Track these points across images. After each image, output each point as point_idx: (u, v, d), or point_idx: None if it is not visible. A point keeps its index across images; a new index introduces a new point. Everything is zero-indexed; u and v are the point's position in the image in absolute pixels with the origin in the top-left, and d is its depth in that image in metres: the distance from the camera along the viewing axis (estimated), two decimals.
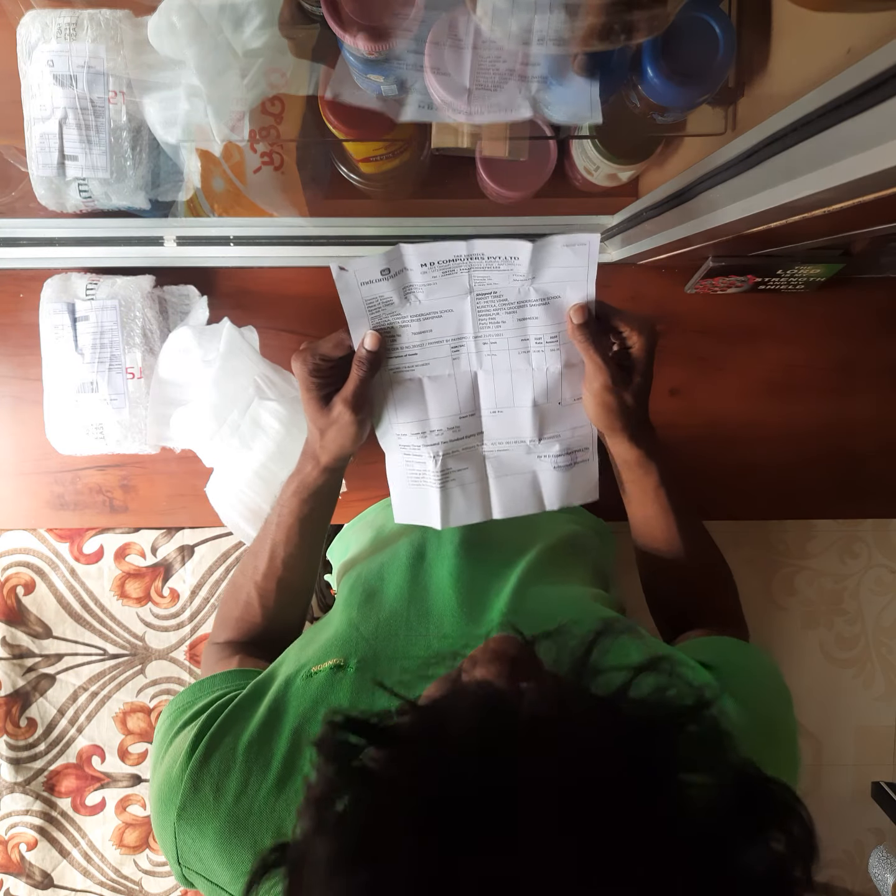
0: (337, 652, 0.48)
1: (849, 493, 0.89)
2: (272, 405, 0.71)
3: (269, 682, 0.48)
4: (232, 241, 0.78)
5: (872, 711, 1.67)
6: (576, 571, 0.61)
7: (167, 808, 0.42)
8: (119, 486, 0.85)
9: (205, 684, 0.52)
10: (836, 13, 0.48)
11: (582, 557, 0.64)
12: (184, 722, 0.47)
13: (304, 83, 0.64)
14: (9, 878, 0.99)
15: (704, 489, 0.87)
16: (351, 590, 0.56)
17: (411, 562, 0.57)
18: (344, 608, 0.53)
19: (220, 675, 0.53)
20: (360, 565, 0.61)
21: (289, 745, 0.43)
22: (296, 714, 0.44)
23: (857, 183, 0.35)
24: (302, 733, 0.43)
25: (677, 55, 0.58)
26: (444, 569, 0.55)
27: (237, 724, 0.44)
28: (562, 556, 0.60)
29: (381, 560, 0.60)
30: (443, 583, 0.54)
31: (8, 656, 0.94)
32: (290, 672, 0.48)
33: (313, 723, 0.43)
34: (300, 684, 0.46)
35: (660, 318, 0.86)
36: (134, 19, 0.65)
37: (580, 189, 0.84)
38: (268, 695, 0.46)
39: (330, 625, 0.53)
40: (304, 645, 0.52)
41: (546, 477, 0.56)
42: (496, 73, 0.56)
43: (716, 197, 0.52)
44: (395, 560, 0.58)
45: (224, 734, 0.44)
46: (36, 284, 0.77)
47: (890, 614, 1.67)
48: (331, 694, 0.45)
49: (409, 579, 0.55)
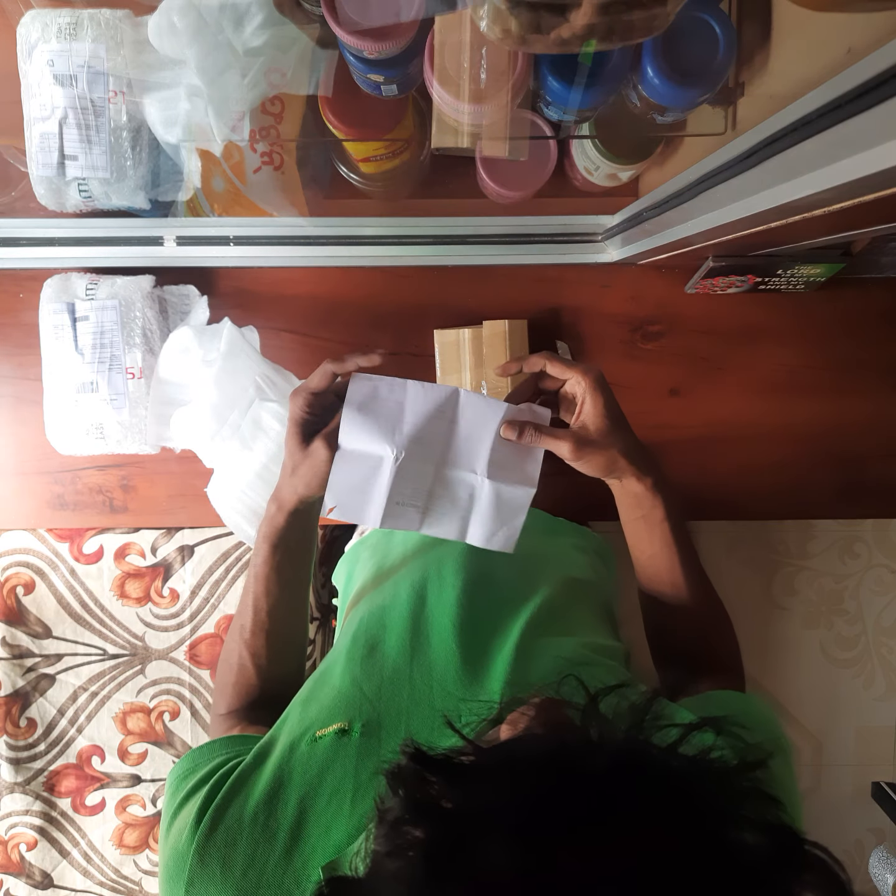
0: (341, 715, 0.47)
1: (849, 493, 0.89)
2: (273, 406, 0.71)
3: (272, 747, 0.47)
4: (232, 240, 0.78)
5: (872, 711, 1.67)
6: (580, 618, 0.59)
7: (176, 883, 0.42)
8: (119, 486, 0.85)
9: (204, 750, 0.51)
10: (836, 13, 0.48)
11: (586, 602, 0.62)
12: (187, 792, 0.46)
13: (304, 83, 0.64)
14: (9, 878, 0.99)
15: (704, 489, 0.87)
16: (354, 640, 0.54)
17: (412, 607, 0.55)
18: (346, 662, 0.52)
19: (219, 741, 0.52)
20: (363, 606, 0.60)
21: (295, 814, 0.42)
22: (301, 782, 0.43)
23: (857, 183, 0.35)
24: (308, 802, 0.42)
25: (677, 55, 0.58)
26: (445, 617, 0.53)
27: (241, 794, 0.44)
28: (565, 603, 0.59)
29: (382, 603, 0.58)
30: (445, 633, 0.52)
31: (8, 656, 0.94)
32: (295, 736, 0.46)
33: (320, 792, 0.43)
34: (305, 750, 0.45)
35: (660, 317, 0.86)
36: (134, 19, 0.65)
37: (580, 189, 0.84)
38: (271, 761, 0.45)
39: (332, 678, 0.52)
40: (305, 701, 0.51)
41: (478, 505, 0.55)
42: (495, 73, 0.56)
43: (716, 197, 0.52)
44: (397, 604, 0.56)
45: (228, 805, 0.43)
46: (36, 284, 0.77)
47: (890, 614, 1.67)
48: (336, 760, 0.44)
49: (410, 628, 0.53)
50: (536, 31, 0.41)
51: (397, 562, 0.65)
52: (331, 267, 0.82)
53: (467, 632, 0.52)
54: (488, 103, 0.58)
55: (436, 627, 0.53)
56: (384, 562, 0.68)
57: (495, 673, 0.49)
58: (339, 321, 0.84)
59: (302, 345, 0.84)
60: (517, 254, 0.81)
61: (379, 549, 0.72)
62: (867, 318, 0.86)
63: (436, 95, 0.59)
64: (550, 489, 0.59)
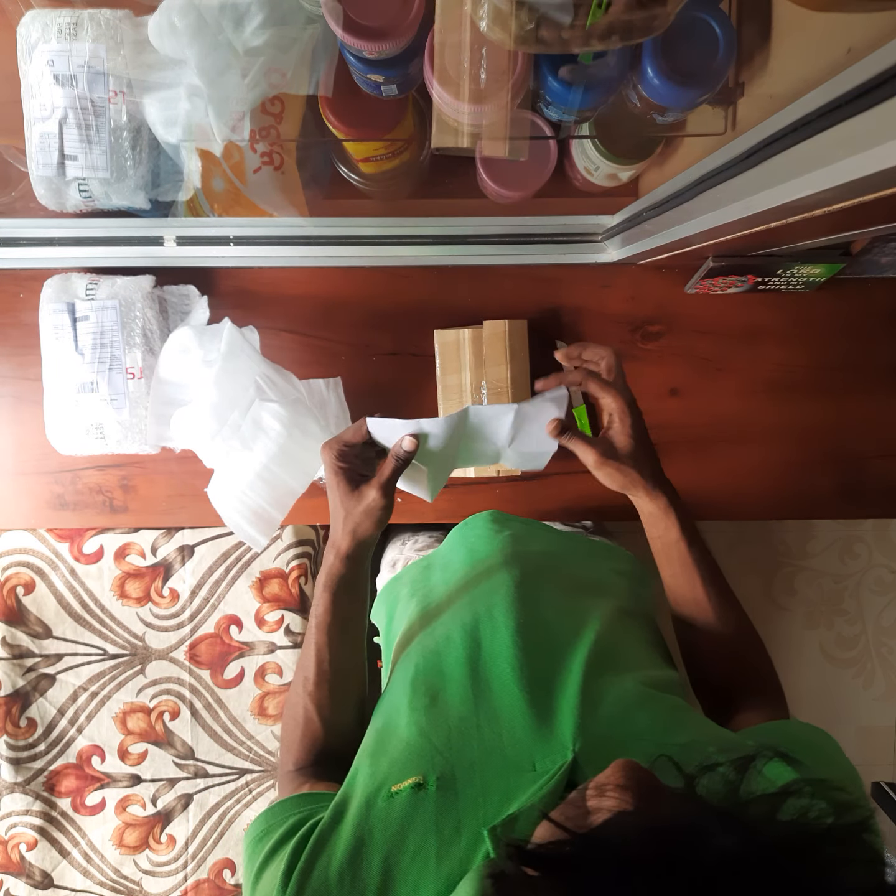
0: (413, 768, 0.46)
1: (849, 493, 0.89)
2: (273, 407, 0.71)
3: (347, 805, 0.47)
4: (232, 241, 0.78)
5: (872, 711, 1.67)
6: (634, 651, 0.59)
7: None
8: (119, 486, 0.85)
9: (276, 810, 0.51)
10: (836, 13, 0.48)
11: (634, 632, 0.62)
12: (265, 855, 0.47)
13: (304, 83, 0.64)
14: (9, 878, 0.99)
15: (704, 489, 0.87)
16: (413, 689, 0.54)
17: (468, 652, 0.55)
18: (410, 712, 0.52)
19: (290, 800, 0.52)
20: (414, 651, 0.60)
21: (381, 873, 0.42)
22: (382, 840, 0.43)
23: (857, 183, 0.35)
24: (392, 861, 0.42)
25: (677, 55, 0.58)
26: (504, 661, 0.53)
27: (324, 855, 0.43)
28: (617, 637, 0.59)
29: (435, 648, 0.58)
30: (506, 678, 0.52)
31: (8, 656, 0.94)
32: (370, 792, 0.46)
33: (403, 849, 0.42)
34: (382, 806, 0.45)
35: (660, 317, 0.86)
36: (134, 19, 0.65)
37: (580, 189, 0.84)
38: (348, 819, 0.45)
39: (397, 729, 0.51)
40: (373, 754, 0.50)
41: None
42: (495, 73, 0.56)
43: (716, 197, 0.52)
44: (451, 649, 0.56)
45: (312, 868, 0.43)
46: (36, 284, 0.77)
47: (890, 614, 1.67)
48: (415, 816, 0.43)
49: (469, 675, 0.53)
50: (536, 31, 0.41)
51: (442, 601, 0.65)
52: (331, 267, 0.82)
53: (527, 674, 0.52)
54: (488, 103, 0.58)
55: (495, 672, 0.53)
56: (427, 601, 0.67)
57: (563, 717, 0.48)
58: (339, 321, 0.84)
59: (302, 345, 0.84)
60: (517, 254, 0.81)
61: (418, 586, 0.72)
62: (867, 318, 0.86)
63: (436, 95, 0.59)
64: (570, 485, 0.61)
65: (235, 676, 0.98)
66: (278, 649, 0.98)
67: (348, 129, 0.68)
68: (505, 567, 0.63)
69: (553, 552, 0.73)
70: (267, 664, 0.98)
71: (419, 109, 0.73)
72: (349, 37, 0.54)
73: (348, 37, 0.54)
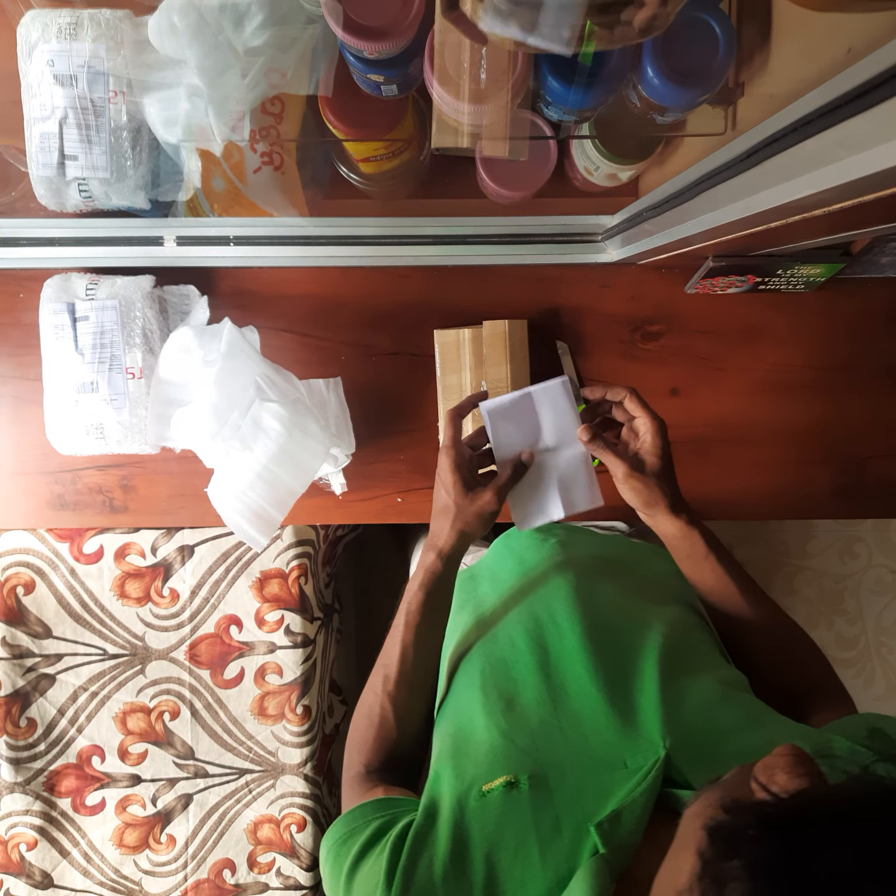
0: (502, 768, 0.47)
1: (849, 493, 0.89)
2: (273, 407, 0.71)
3: (438, 805, 0.47)
4: (232, 241, 0.78)
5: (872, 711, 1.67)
6: (701, 650, 0.60)
7: None
8: (119, 486, 0.85)
9: (356, 814, 0.51)
10: (836, 13, 0.48)
11: (699, 631, 0.63)
12: (355, 855, 0.47)
13: (304, 83, 0.64)
14: (9, 878, 0.99)
15: (704, 489, 0.87)
16: (485, 694, 0.54)
17: (537, 658, 0.56)
18: (487, 716, 0.52)
19: (370, 805, 0.52)
20: (476, 656, 0.60)
21: (484, 870, 0.42)
22: (481, 837, 0.43)
23: (857, 183, 0.35)
24: (494, 858, 0.42)
25: (677, 55, 0.58)
26: (577, 664, 0.54)
27: (424, 855, 0.44)
28: (683, 637, 0.59)
29: (501, 655, 0.58)
30: (582, 681, 0.52)
31: (8, 656, 0.94)
32: (460, 792, 0.46)
33: (503, 846, 0.43)
34: (475, 805, 0.45)
35: (660, 318, 0.86)
36: (134, 19, 0.65)
37: (580, 189, 0.84)
38: (443, 819, 0.45)
39: (475, 732, 0.52)
40: (454, 756, 0.51)
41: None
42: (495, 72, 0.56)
43: (716, 197, 0.52)
44: (519, 657, 0.57)
45: (415, 866, 0.43)
46: (36, 284, 0.77)
47: (890, 614, 1.67)
48: (511, 814, 0.44)
49: (542, 680, 0.54)
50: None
51: (497, 609, 0.65)
52: (331, 267, 0.82)
53: (603, 676, 0.52)
54: (488, 103, 0.58)
55: (569, 675, 0.53)
56: (481, 610, 0.67)
57: (646, 716, 0.48)
58: (340, 321, 0.84)
59: (302, 345, 0.84)
60: (517, 254, 0.81)
61: (467, 597, 0.72)
62: (867, 318, 0.86)
63: (436, 95, 0.59)
64: None
65: (235, 676, 0.98)
66: (278, 649, 0.98)
67: (348, 129, 0.68)
68: (559, 573, 0.64)
69: (602, 555, 0.73)
70: (267, 664, 0.98)
71: (419, 109, 0.73)
72: (349, 37, 0.54)
73: (348, 37, 0.54)
